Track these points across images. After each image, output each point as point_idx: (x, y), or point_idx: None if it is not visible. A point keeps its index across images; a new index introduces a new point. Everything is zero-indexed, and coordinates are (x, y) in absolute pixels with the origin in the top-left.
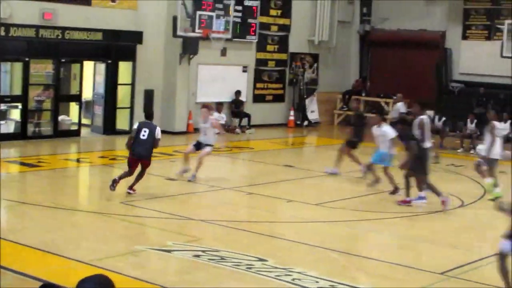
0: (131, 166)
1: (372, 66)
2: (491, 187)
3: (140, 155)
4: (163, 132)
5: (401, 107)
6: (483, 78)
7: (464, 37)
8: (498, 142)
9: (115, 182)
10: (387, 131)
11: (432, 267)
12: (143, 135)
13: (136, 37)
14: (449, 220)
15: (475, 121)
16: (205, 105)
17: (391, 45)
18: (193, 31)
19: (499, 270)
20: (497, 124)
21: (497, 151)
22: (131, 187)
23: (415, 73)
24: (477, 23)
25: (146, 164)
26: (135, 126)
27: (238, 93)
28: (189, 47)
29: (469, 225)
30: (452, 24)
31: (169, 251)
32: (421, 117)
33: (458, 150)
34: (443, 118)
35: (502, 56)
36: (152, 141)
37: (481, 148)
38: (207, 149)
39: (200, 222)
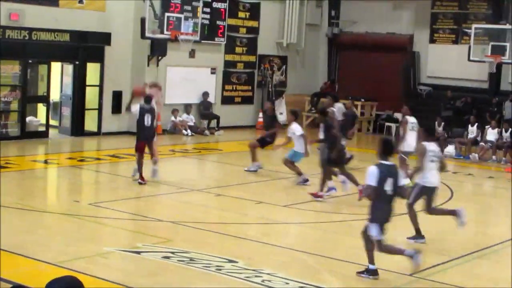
0: (141, 150)
1: (340, 69)
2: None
3: (147, 138)
4: (132, 133)
5: (341, 106)
6: (450, 82)
7: (432, 40)
8: (412, 136)
9: (141, 179)
10: (295, 129)
11: (401, 269)
12: (147, 122)
13: (104, 38)
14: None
15: (443, 124)
16: (155, 84)
17: (359, 48)
18: (161, 32)
19: (385, 252)
20: (409, 118)
21: (410, 143)
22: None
23: (383, 76)
24: (444, 27)
25: (152, 142)
26: (136, 108)
27: (205, 94)
28: (158, 49)
29: (437, 227)
30: (420, 27)
31: (138, 252)
32: (330, 108)
33: None
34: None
35: (469, 60)
36: (153, 123)
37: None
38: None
39: (169, 223)
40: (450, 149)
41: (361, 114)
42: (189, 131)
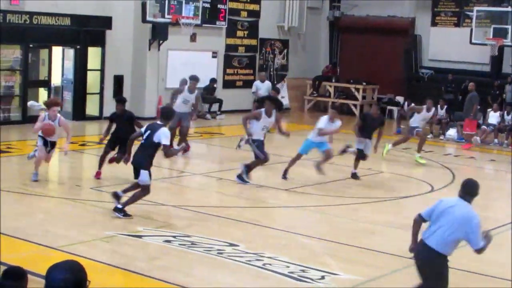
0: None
1: (342, 52)
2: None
3: None
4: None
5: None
6: (452, 65)
7: (433, 23)
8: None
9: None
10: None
11: (402, 252)
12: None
13: (105, 22)
14: (416, 205)
15: (445, 107)
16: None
17: (360, 31)
18: (163, 16)
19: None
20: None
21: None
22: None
23: (384, 59)
24: (446, 9)
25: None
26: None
27: (213, 80)
28: (159, 33)
29: None
30: (421, 10)
31: (139, 236)
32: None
33: (428, 136)
34: (413, 104)
35: (471, 43)
36: None
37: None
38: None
39: (171, 207)
40: (452, 132)
41: (362, 98)
42: None
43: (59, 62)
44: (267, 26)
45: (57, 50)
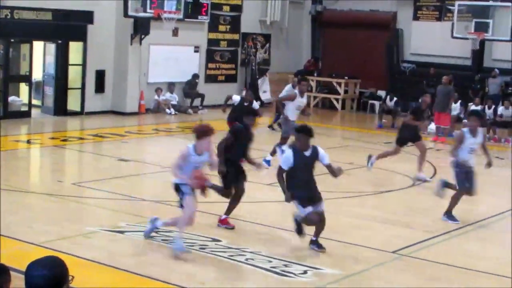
0: None
1: (324, 47)
2: None
3: None
4: (115, 113)
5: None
6: (434, 59)
7: (415, 17)
8: None
9: None
10: None
11: (383, 246)
12: None
13: (87, 17)
14: (400, 199)
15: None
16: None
17: (343, 25)
18: (144, 11)
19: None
20: None
21: None
22: None
23: (366, 53)
24: (428, 3)
25: None
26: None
27: (195, 76)
28: (141, 27)
29: (419, 204)
30: (403, 5)
31: (122, 232)
32: None
33: None
34: (395, 98)
35: (452, 37)
36: None
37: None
38: None
39: (153, 203)
40: (433, 126)
41: (344, 92)
42: (172, 110)
43: (40, 57)
44: (249, 21)
45: (38, 45)
